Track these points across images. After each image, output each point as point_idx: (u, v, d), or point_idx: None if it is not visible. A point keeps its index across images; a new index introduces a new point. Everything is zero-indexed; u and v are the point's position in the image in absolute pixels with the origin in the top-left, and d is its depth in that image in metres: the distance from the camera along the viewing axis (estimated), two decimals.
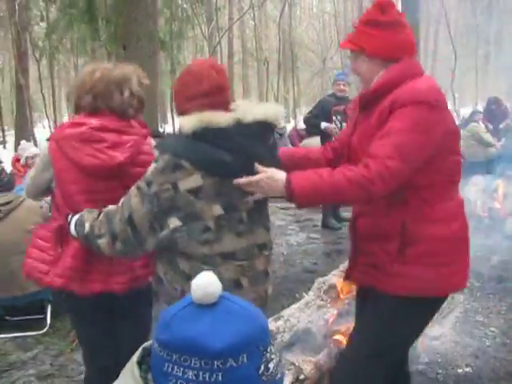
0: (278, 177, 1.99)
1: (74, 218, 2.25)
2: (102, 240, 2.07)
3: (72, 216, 2.28)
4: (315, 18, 39.06)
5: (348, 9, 34.01)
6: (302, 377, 3.14)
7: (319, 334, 3.61)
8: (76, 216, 2.25)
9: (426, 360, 3.55)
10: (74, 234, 2.26)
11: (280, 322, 3.57)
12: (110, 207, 2.11)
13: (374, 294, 2.26)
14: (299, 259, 6.30)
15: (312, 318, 3.80)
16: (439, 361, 3.57)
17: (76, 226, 2.22)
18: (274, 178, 1.98)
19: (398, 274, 2.15)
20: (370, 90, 2.21)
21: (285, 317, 3.63)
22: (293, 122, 15.97)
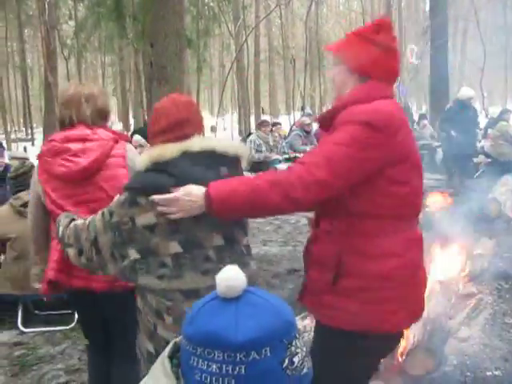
0: (195, 191, 1.91)
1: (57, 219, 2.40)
2: (70, 249, 2.19)
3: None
4: (342, 16, 38.87)
5: (375, 6, 33.78)
6: None
7: None
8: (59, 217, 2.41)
9: (455, 362, 3.49)
10: None
11: (307, 321, 3.56)
12: (79, 222, 2.22)
13: (316, 321, 2.25)
14: None
15: None
16: (468, 363, 3.51)
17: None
18: (191, 193, 1.91)
19: (329, 305, 2.06)
20: (328, 109, 2.19)
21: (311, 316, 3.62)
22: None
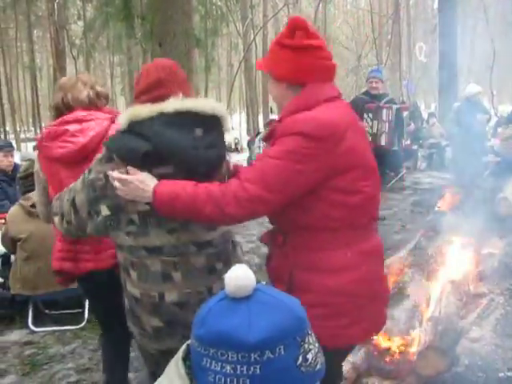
0: (148, 182, 1.95)
1: None
2: (56, 217, 2.24)
3: None
4: (350, 15, 38.76)
5: (383, 5, 33.64)
6: None
7: None
8: None
9: (466, 362, 3.47)
10: None
11: None
12: (66, 188, 2.26)
13: None
14: None
15: None
16: (479, 364, 3.49)
17: None
18: (145, 182, 1.95)
19: None
20: (270, 123, 2.19)
21: None
22: None
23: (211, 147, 2.07)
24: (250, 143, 15.84)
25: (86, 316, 4.59)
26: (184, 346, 1.30)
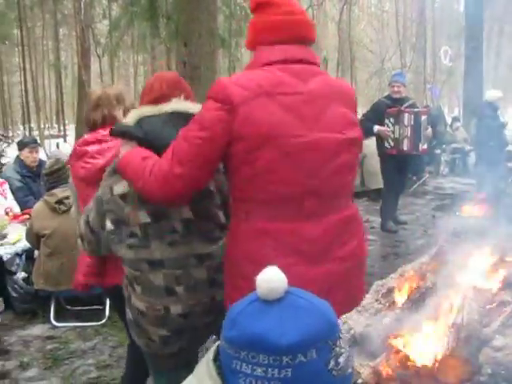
0: (127, 147, 2.04)
1: None
2: (78, 240, 2.31)
3: None
4: (374, 17, 38.53)
5: (408, 7, 33.39)
6: (359, 381, 3.08)
7: (377, 339, 3.54)
8: None
9: (489, 371, 3.40)
10: None
11: None
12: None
13: None
14: None
15: (370, 322, 3.73)
16: (503, 373, 3.42)
17: None
18: (126, 146, 2.05)
19: None
20: None
21: (342, 319, 3.58)
22: None
23: None
24: None
25: (106, 313, 4.63)
26: (214, 347, 1.29)
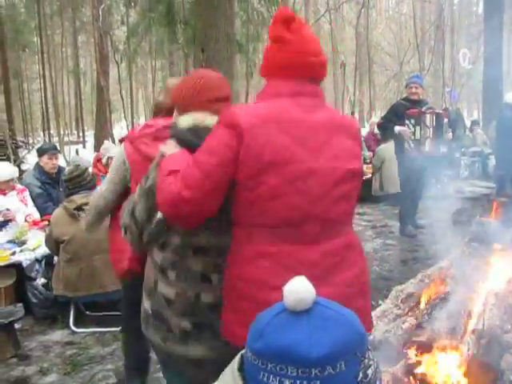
0: (171, 148, 2.06)
1: None
2: (122, 229, 2.28)
3: None
4: (392, 20, 38.38)
5: (426, 10, 33.22)
6: None
7: (397, 344, 3.51)
8: None
9: (511, 378, 3.38)
10: None
11: None
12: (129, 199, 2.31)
13: None
14: (375, 266, 6.19)
15: (389, 328, 3.71)
16: None
17: None
18: (168, 148, 2.07)
19: None
20: None
21: None
22: (367, 126, 15.74)
23: None
24: None
25: None
26: (238, 357, 1.28)
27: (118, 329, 4.59)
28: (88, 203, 4.52)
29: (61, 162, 7.60)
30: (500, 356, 3.39)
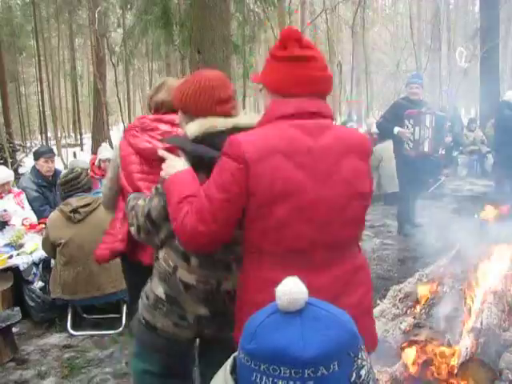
0: (175, 168, 2.10)
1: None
2: (132, 228, 2.38)
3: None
4: (388, 20, 38.39)
5: (422, 9, 33.23)
6: None
7: (395, 344, 3.50)
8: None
9: (510, 377, 3.36)
10: None
11: None
12: (139, 202, 2.36)
13: None
14: (373, 265, 6.16)
15: (387, 327, 3.70)
16: None
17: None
18: (172, 164, 2.13)
19: None
20: None
21: None
22: (365, 125, 15.75)
23: None
24: None
25: (123, 321, 4.63)
26: (230, 359, 1.27)
27: (116, 331, 4.60)
28: (84, 206, 4.54)
29: (58, 165, 7.57)
30: (498, 355, 3.38)
